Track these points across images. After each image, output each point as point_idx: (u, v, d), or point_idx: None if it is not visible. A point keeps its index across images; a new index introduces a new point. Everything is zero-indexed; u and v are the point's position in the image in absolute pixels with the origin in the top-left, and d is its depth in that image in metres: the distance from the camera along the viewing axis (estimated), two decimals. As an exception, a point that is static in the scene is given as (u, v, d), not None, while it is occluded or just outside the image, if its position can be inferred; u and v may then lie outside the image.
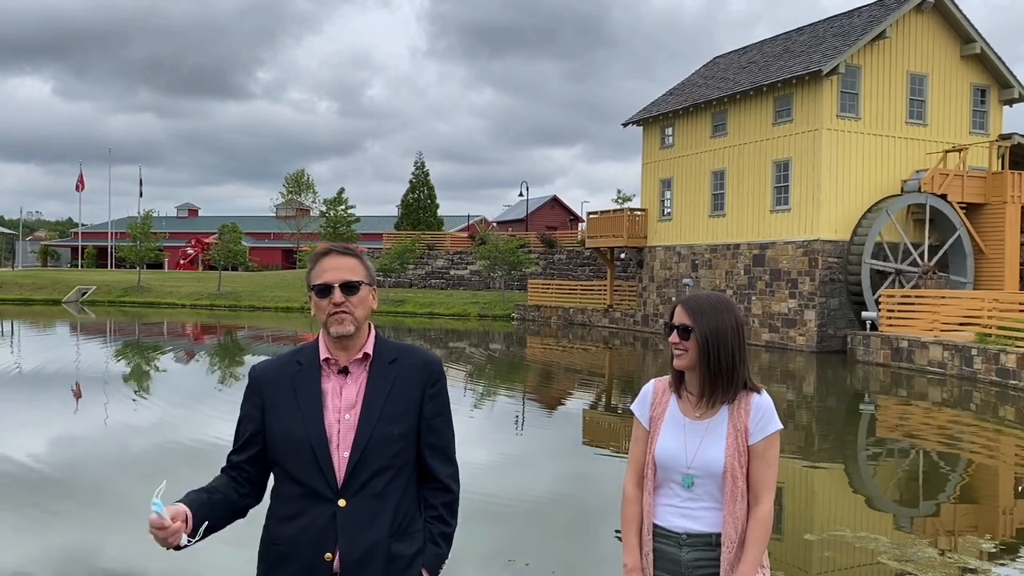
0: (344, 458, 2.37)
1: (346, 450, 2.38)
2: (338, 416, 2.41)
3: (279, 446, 2.43)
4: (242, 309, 43.91)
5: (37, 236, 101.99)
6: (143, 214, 52.59)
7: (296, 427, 2.39)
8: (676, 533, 2.72)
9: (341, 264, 2.45)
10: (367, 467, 2.38)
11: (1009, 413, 14.77)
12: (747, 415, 2.69)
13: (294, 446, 2.39)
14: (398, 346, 2.55)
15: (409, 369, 2.48)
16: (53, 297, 47.34)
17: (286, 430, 2.41)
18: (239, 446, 2.52)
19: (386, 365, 2.47)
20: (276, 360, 2.54)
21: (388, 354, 2.49)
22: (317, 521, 2.37)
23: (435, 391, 2.52)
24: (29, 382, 16.29)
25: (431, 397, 2.50)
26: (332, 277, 2.42)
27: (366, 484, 2.38)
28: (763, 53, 30.61)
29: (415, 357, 2.52)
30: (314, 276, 2.45)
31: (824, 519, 8.08)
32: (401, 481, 2.44)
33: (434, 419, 2.51)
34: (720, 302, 2.74)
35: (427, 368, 2.51)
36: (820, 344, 25.05)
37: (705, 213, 29.90)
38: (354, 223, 53.46)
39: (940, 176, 25.34)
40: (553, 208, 76.73)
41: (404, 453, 2.44)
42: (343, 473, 2.37)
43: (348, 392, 2.43)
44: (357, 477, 2.37)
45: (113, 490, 8.44)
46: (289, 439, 2.40)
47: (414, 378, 2.48)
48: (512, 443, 11.43)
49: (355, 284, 2.43)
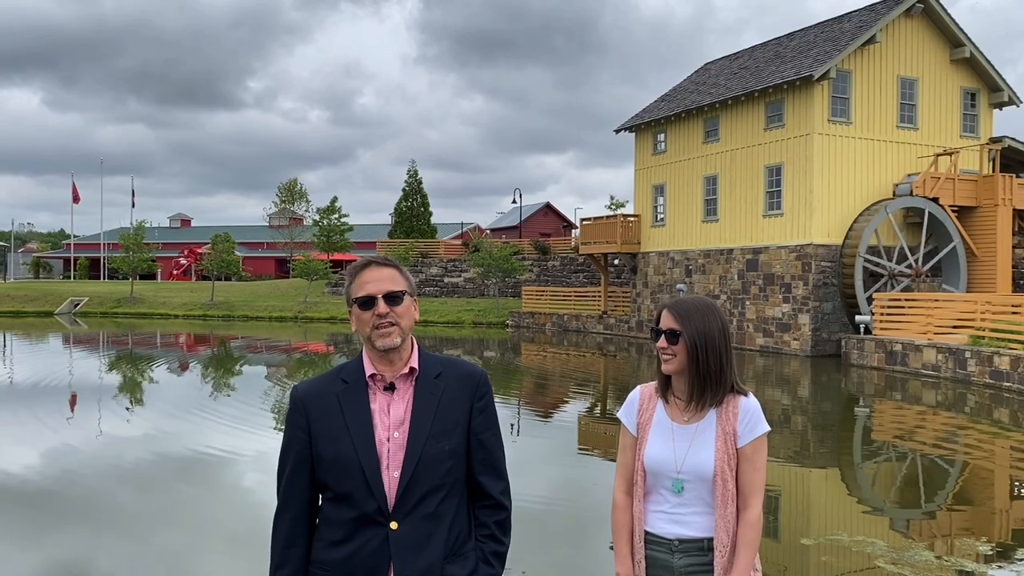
0: (395, 478, 2.30)
1: (396, 470, 2.30)
2: (387, 434, 2.33)
3: (328, 469, 2.33)
4: (235, 319, 43.79)
5: (29, 248, 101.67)
6: (135, 225, 52.46)
7: (346, 448, 2.31)
8: (668, 539, 2.71)
9: (382, 275, 2.39)
10: (419, 487, 2.30)
11: (1003, 415, 14.79)
12: (735, 418, 2.68)
13: (344, 468, 2.30)
14: (441, 359, 2.48)
15: (455, 383, 2.42)
16: (45, 309, 47.15)
17: (335, 452, 2.32)
18: (290, 475, 2.39)
19: (432, 380, 2.40)
20: (319, 379, 2.46)
21: (432, 368, 2.42)
22: (368, 545, 2.28)
23: (483, 404, 2.46)
24: (21, 394, 16.19)
25: (479, 411, 2.44)
26: (374, 289, 2.36)
27: (418, 505, 2.30)
28: (754, 58, 30.72)
29: (460, 370, 2.46)
30: (355, 289, 2.39)
31: (820, 523, 8.06)
32: (454, 500, 2.38)
33: (483, 433, 2.45)
34: (705, 305, 2.73)
35: (473, 381, 2.45)
36: (814, 348, 25.08)
37: (698, 218, 29.95)
38: (347, 232, 53.41)
39: (932, 180, 25.44)
40: (546, 215, 76.83)
41: (455, 470, 2.38)
42: (394, 494, 2.29)
43: (396, 409, 2.36)
44: (409, 498, 2.29)
45: (106, 503, 8.39)
46: (339, 461, 2.31)
47: (461, 392, 2.42)
48: (508, 449, 11.38)
49: (398, 294, 2.37)
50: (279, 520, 2.41)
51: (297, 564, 2.35)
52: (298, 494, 2.39)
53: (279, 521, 2.41)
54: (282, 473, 2.42)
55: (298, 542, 2.37)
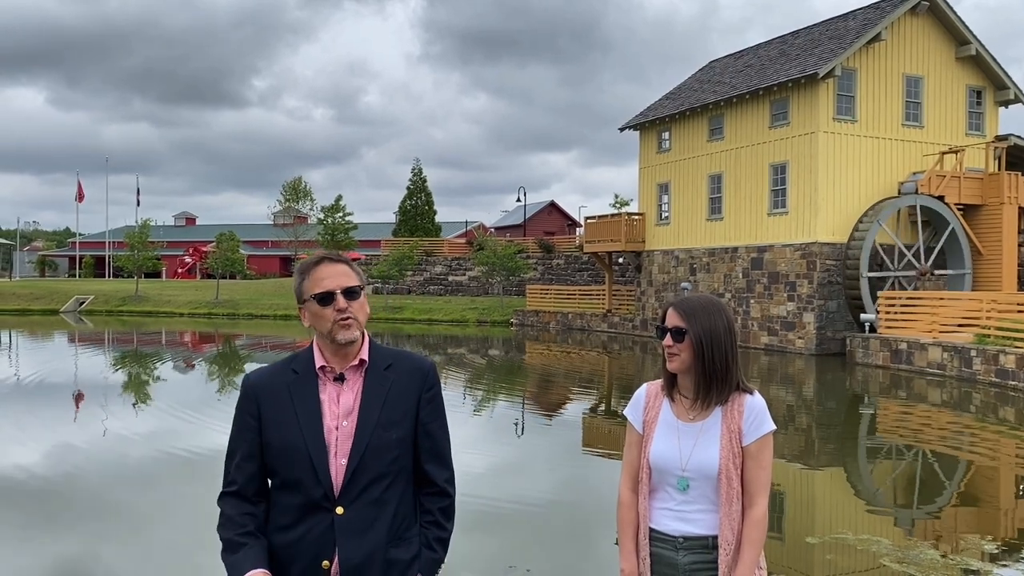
0: (342, 465, 2.36)
1: (343, 457, 2.37)
2: (336, 423, 2.39)
3: (276, 456, 2.40)
4: (240, 317, 43.86)
5: (34, 246, 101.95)
6: (140, 223, 52.59)
7: (294, 436, 2.37)
8: (672, 537, 2.71)
9: (337, 271, 2.44)
10: (365, 474, 2.37)
11: (1009, 414, 14.75)
12: (740, 416, 2.68)
13: (292, 455, 2.37)
14: (392, 352, 2.55)
15: (404, 375, 2.48)
16: (51, 307, 47.28)
17: (284, 439, 2.38)
18: (240, 461, 2.45)
19: (381, 371, 2.47)
20: (270, 368, 2.52)
21: (383, 360, 2.49)
22: (315, 529, 2.35)
23: (430, 396, 2.51)
24: (27, 392, 16.24)
25: (427, 402, 2.50)
26: (333, 284, 2.41)
27: (364, 491, 2.37)
28: (759, 57, 30.67)
29: (410, 362, 2.52)
30: (311, 285, 2.43)
31: (825, 522, 8.06)
32: (399, 487, 2.44)
33: (430, 424, 2.50)
34: (711, 303, 2.73)
35: (422, 373, 2.51)
36: (819, 347, 25.04)
37: (703, 217, 29.92)
38: (352, 230, 53.47)
39: (937, 178, 25.37)
40: (551, 213, 76.85)
41: (401, 459, 2.44)
42: (341, 481, 2.36)
43: (345, 399, 2.42)
44: (355, 484, 2.36)
45: (112, 500, 8.41)
46: (287, 448, 2.37)
47: (409, 383, 2.48)
48: (512, 448, 11.40)
49: (356, 289, 2.44)
50: (225, 499, 2.45)
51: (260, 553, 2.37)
52: (244, 476, 2.43)
53: (225, 499, 2.45)
54: (231, 456, 2.47)
55: (248, 523, 2.41)
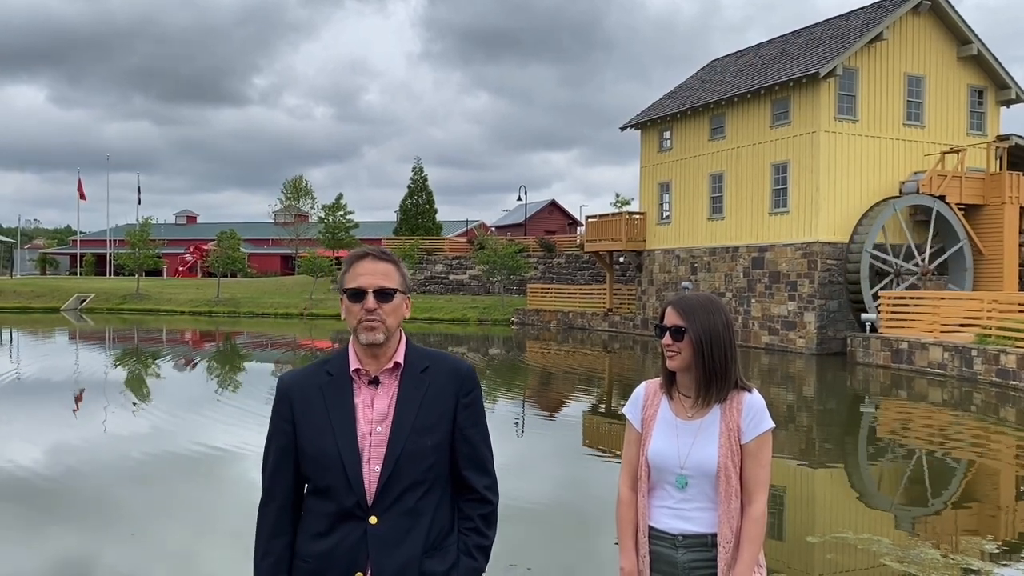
0: (375, 473, 2.28)
1: (377, 464, 2.28)
2: (370, 428, 2.31)
3: (309, 462, 2.33)
4: (241, 316, 43.88)
5: (35, 244, 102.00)
6: (141, 221, 52.64)
7: (327, 442, 2.29)
8: (672, 535, 2.71)
9: (377, 269, 2.35)
10: (399, 482, 2.28)
11: (1010, 414, 14.74)
12: (739, 414, 2.68)
13: (325, 462, 2.29)
14: (430, 353, 2.44)
15: (441, 377, 2.38)
16: (52, 305, 47.31)
17: (317, 445, 2.30)
18: (275, 469, 2.38)
19: (417, 374, 2.37)
20: (304, 370, 2.44)
21: (420, 363, 2.39)
22: (348, 539, 2.27)
23: (469, 400, 2.41)
24: (27, 390, 16.25)
25: (465, 406, 2.40)
26: (367, 282, 2.32)
27: (398, 500, 2.28)
28: (760, 56, 30.64)
29: (447, 365, 2.42)
30: (348, 279, 2.36)
31: (826, 521, 8.05)
32: (435, 495, 2.35)
33: (468, 429, 2.40)
34: (710, 302, 2.73)
35: (459, 376, 2.41)
36: (820, 346, 25.03)
37: (704, 216, 29.90)
38: (353, 229, 53.46)
39: (938, 177, 25.36)
40: (552, 212, 76.78)
41: (437, 466, 2.35)
42: (374, 489, 2.27)
43: (380, 404, 2.33)
44: (389, 493, 2.28)
45: (111, 498, 8.41)
46: (320, 455, 2.30)
47: (447, 387, 2.38)
48: (512, 447, 11.39)
49: (390, 291, 2.33)
50: (264, 510, 2.40)
51: (281, 553, 2.35)
52: (283, 485, 2.38)
53: (264, 511, 2.40)
54: (267, 463, 2.41)
55: (283, 532, 2.37)
